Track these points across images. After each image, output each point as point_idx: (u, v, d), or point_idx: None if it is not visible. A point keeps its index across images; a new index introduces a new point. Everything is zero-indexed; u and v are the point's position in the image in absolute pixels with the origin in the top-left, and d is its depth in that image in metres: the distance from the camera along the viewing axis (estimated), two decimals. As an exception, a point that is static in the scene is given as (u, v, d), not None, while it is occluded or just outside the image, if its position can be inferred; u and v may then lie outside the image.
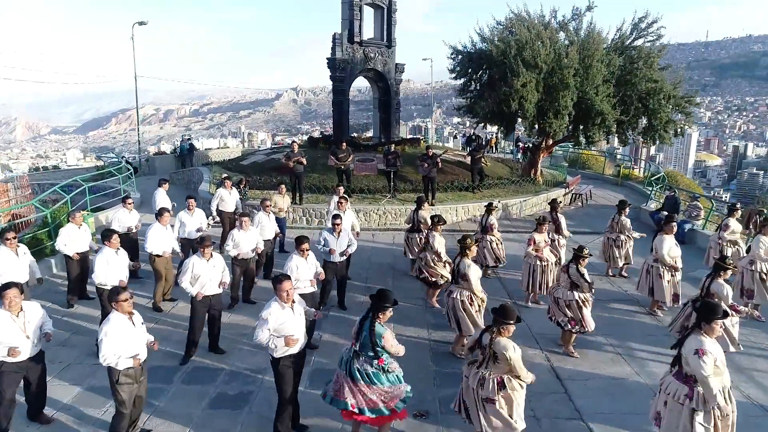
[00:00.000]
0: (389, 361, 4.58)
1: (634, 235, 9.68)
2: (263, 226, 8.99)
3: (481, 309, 6.61)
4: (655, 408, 4.53)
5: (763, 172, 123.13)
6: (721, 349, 4.28)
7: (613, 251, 9.74)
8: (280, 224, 9.92)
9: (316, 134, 46.35)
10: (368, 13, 18.18)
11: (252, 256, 8.15)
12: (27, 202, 11.94)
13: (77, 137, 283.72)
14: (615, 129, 16.31)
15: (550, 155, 21.99)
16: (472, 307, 6.53)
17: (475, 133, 28.94)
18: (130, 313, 4.69)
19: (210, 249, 6.45)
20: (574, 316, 6.62)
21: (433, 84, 51.17)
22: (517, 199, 15.16)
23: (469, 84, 17.61)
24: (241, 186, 12.88)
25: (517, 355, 4.31)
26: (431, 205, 12.97)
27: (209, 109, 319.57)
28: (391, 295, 4.62)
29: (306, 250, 6.50)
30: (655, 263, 8.10)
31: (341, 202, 9.49)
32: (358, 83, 20.09)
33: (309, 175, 14.57)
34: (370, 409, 4.51)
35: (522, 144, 24.44)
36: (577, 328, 6.66)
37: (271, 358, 4.82)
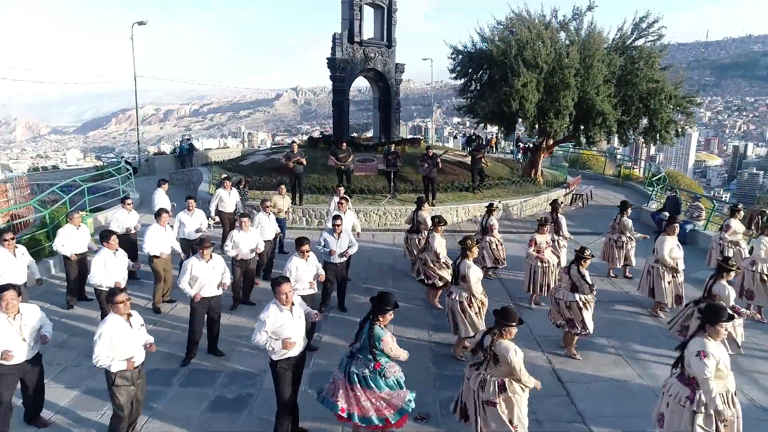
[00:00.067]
0: (387, 365, 4.52)
1: (636, 236, 9.64)
2: (263, 226, 8.94)
3: (481, 311, 6.54)
4: (659, 410, 4.50)
5: (763, 172, 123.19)
6: (726, 352, 4.23)
7: (614, 252, 9.71)
8: (280, 224, 9.88)
9: (316, 134, 46.33)
10: (368, 13, 18.15)
11: (252, 257, 8.11)
12: (26, 203, 11.89)
13: (77, 137, 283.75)
14: (616, 129, 16.24)
15: (551, 155, 21.94)
16: (471, 309, 6.46)
17: (475, 133, 28.92)
18: (128, 315, 4.64)
19: (209, 250, 6.40)
20: (575, 318, 6.57)
21: (433, 84, 51.13)
22: (518, 200, 15.11)
23: (469, 84, 17.56)
24: (241, 186, 12.82)
25: (519, 358, 4.26)
26: (431, 206, 12.93)
27: (209, 109, 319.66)
28: (391, 297, 4.58)
29: (306, 252, 6.44)
30: (656, 264, 8.07)
31: (342, 203, 9.43)
32: (358, 83, 20.07)
33: (309, 176, 14.53)
34: (360, 416, 4.44)
35: (522, 144, 24.39)
36: (576, 330, 6.60)
37: (270, 361, 4.77)
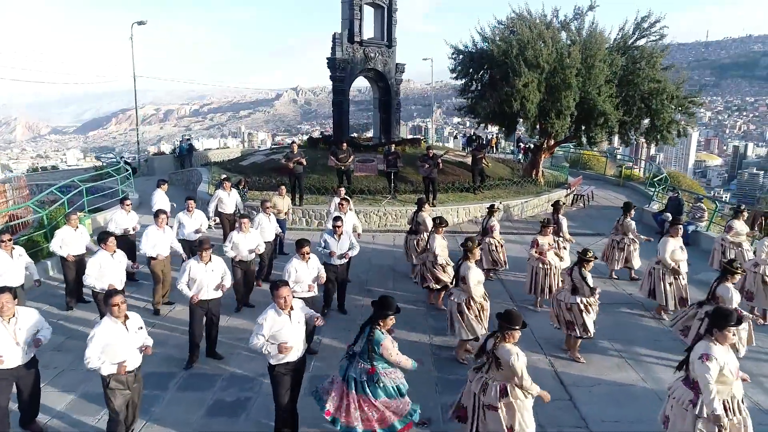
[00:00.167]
0: (385, 371, 4.41)
1: (639, 237, 9.55)
2: (263, 227, 8.86)
3: (482, 314, 6.43)
4: (664, 412, 4.46)
5: (763, 172, 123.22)
6: (733, 358, 4.15)
7: (614, 253, 9.62)
8: (280, 225, 9.80)
9: (316, 134, 46.29)
10: (368, 13, 18.09)
11: (252, 258, 8.03)
12: (24, 203, 11.83)
13: (77, 137, 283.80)
14: (617, 129, 16.15)
15: (552, 156, 21.85)
16: (471, 312, 6.36)
17: (475, 133, 28.86)
18: (125, 317, 4.56)
19: (209, 252, 6.29)
20: (575, 321, 6.49)
21: (433, 84, 51.06)
22: (519, 200, 15.03)
23: (470, 84, 17.47)
24: (240, 187, 12.75)
25: (521, 363, 4.18)
26: (432, 206, 12.85)
27: (209, 109, 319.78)
28: (393, 301, 4.49)
29: (307, 254, 6.35)
30: (657, 265, 8.03)
31: (342, 204, 9.31)
32: (359, 83, 20.01)
33: (309, 176, 14.46)
34: (345, 426, 4.34)
35: (523, 144, 24.30)
36: (575, 334, 6.53)
37: (268, 365, 4.70)
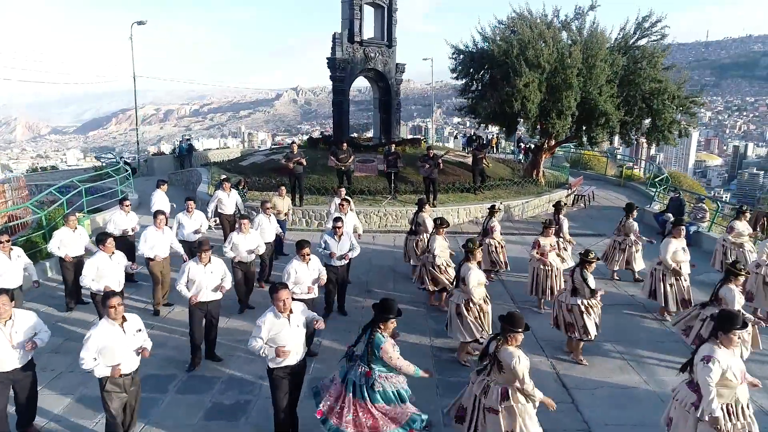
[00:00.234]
0: (383, 374, 4.34)
1: (642, 239, 9.49)
2: (263, 228, 8.81)
3: (481, 316, 6.34)
4: (668, 413, 4.43)
5: (763, 172, 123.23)
6: (738, 361, 4.09)
7: (615, 254, 9.57)
8: (280, 226, 9.74)
9: (316, 134, 46.26)
10: (368, 13, 18.03)
11: (252, 259, 7.98)
12: (22, 204, 11.79)
13: (77, 137, 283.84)
14: (619, 130, 16.10)
15: (552, 156, 21.80)
16: (469, 314, 6.29)
17: (475, 133, 28.83)
18: (123, 319, 4.49)
19: (208, 254, 6.22)
20: (575, 323, 6.43)
21: (434, 84, 51.01)
22: (519, 201, 14.97)
23: (470, 84, 17.42)
24: (240, 187, 12.70)
25: (522, 366, 4.11)
26: (432, 207, 12.79)
27: (209, 109, 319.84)
28: (394, 304, 4.42)
29: (307, 255, 6.30)
30: (658, 266, 8.00)
31: (343, 205, 9.23)
32: (359, 83, 19.95)
33: (309, 176, 14.40)
34: (335, 428, 4.26)
35: (524, 144, 24.25)
36: (575, 336, 6.47)
37: (267, 368, 4.65)
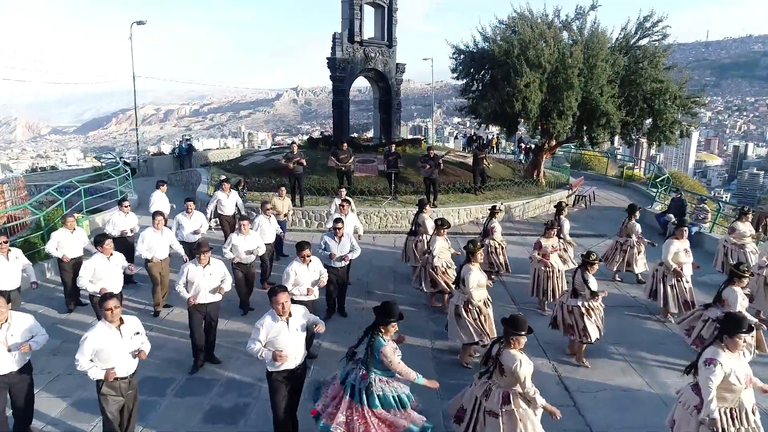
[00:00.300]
0: (382, 378, 4.29)
1: (644, 241, 9.43)
2: (263, 229, 8.76)
3: (481, 319, 6.25)
4: (672, 415, 4.40)
5: (763, 173, 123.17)
6: (744, 365, 4.04)
7: (615, 255, 9.51)
8: (280, 225, 9.69)
9: (316, 134, 46.22)
10: (368, 13, 17.98)
11: (252, 260, 7.92)
12: (21, 205, 11.73)
13: (77, 137, 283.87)
14: (620, 130, 16.04)
15: (553, 156, 21.75)
16: (468, 315, 6.22)
17: (475, 133, 28.79)
18: (120, 322, 4.43)
19: (207, 255, 6.16)
20: (575, 324, 6.38)
21: (434, 84, 50.95)
22: (520, 201, 14.92)
23: (471, 84, 17.36)
24: (240, 188, 12.66)
25: (524, 370, 4.04)
26: (433, 207, 12.74)
27: (209, 109, 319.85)
28: (395, 308, 4.36)
29: (307, 257, 6.25)
30: (660, 267, 7.98)
31: (344, 206, 9.17)
32: (359, 83, 19.90)
33: (309, 177, 14.35)
34: (326, 426, 4.22)
35: (525, 145, 24.20)
36: (574, 338, 6.42)
37: (266, 371, 4.60)
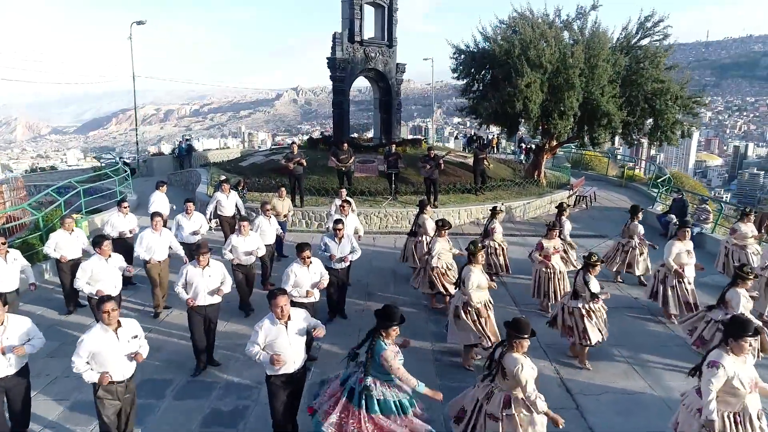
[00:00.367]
0: (381, 382, 4.23)
1: (645, 242, 9.37)
2: (263, 230, 8.71)
3: (481, 321, 6.18)
4: (676, 418, 4.37)
5: (763, 173, 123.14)
6: (749, 369, 3.98)
7: (616, 255, 9.46)
8: (280, 225, 9.63)
9: (317, 134, 46.20)
10: (369, 13, 17.93)
11: (252, 261, 7.87)
12: (20, 205, 11.68)
13: (77, 137, 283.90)
14: (621, 130, 15.99)
15: (553, 156, 21.69)
16: (467, 317, 6.17)
17: (476, 133, 28.74)
18: (118, 324, 4.38)
19: (206, 256, 6.12)
20: (575, 326, 6.32)
21: (434, 84, 50.92)
22: (521, 202, 14.87)
23: (471, 84, 17.29)
24: (240, 188, 12.61)
25: (526, 374, 3.99)
26: (434, 207, 12.69)
27: (209, 109, 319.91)
28: (397, 312, 4.30)
29: (308, 258, 6.20)
30: (661, 268, 7.94)
31: (344, 206, 9.11)
32: (359, 83, 19.86)
33: (309, 177, 14.30)
34: (319, 423, 4.17)
35: (525, 145, 24.14)
36: (573, 340, 6.37)
37: (265, 374, 4.55)
